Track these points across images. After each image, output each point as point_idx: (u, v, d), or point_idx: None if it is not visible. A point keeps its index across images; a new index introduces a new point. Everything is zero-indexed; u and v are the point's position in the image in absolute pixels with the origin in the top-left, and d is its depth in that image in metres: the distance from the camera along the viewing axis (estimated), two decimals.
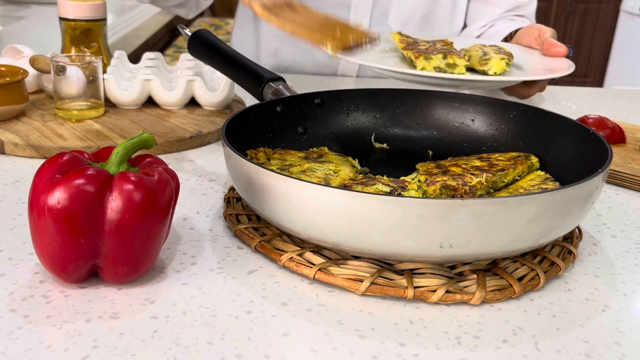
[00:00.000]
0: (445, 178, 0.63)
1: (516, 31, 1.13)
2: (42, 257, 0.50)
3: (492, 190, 0.65)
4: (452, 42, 1.02)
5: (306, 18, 0.65)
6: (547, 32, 1.03)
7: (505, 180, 0.66)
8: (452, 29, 1.23)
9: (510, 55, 0.96)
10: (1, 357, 0.43)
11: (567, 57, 0.99)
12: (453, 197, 0.61)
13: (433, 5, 1.18)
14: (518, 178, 0.67)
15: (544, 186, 0.63)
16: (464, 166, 0.66)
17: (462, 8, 1.22)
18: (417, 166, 0.68)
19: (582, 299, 0.54)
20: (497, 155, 0.70)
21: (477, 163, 0.68)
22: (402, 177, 0.65)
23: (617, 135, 0.88)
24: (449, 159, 0.71)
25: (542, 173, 0.67)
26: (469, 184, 0.62)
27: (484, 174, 0.64)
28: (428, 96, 0.79)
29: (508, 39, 1.15)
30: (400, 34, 1.05)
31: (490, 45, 1.02)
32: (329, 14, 0.67)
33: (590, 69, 3.65)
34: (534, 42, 1.05)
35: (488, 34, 1.20)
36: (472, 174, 0.64)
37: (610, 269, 0.59)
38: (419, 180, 0.63)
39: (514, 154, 0.71)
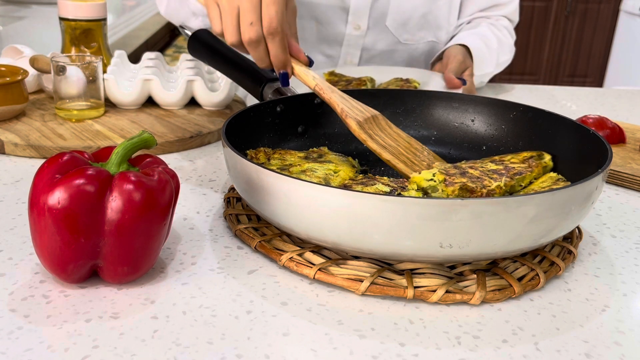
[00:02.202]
0: (464, 180, 0.61)
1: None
2: (42, 257, 0.50)
3: (508, 195, 0.64)
4: (370, 80, 1.05)
5: (393, 139, 0.69)
6: (452, 64, 1.08)
7: (522, 184, 0.65)
8: (449, 27, 1.23)
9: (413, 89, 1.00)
10: (1, 357, 0.43)
11: (464, 83, 1.04)
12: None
13: (431, 5, 1.18)
14: (534, 180, 0.66)
15: (555, 187, 0.62)
16: (480, 169, 0.65)
17: (457, 6, 1.22)
18: (434, 165, 0.66)
19: (582, 299, 0.54)
20: (509, 157, 0.69)
21: (493, 167, 0.66)
22: (414, 175, 0.64)
23: (617, 135, 0.88)
24: (463, 162, 0.69)
25: (555, 174, 0.66)
26: (487, 187, 0.61)
27: (503, 177, 0.63)
28: (428, 96, 0.79)
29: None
30: (332, 73, 1.08)
31: (404, 80, 1.05)
32: (408, 136, 0.71)
33: (590, 69, 3.65)
34: (443, 69, 1.09)
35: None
36: (491, 178, 0.63)
37: (610, 269, 0.59)
38: (436, 179, 0.62)
39: (526, 154, 0.69)
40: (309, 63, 0.73)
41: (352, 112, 0.68)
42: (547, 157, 0.68)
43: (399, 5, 1.16)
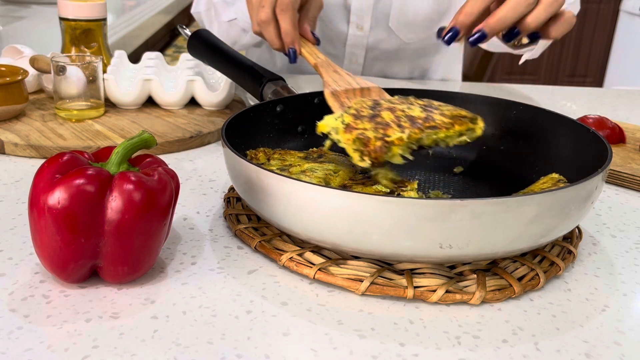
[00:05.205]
0: (367, 126, 0.56)
1: None
2: (42, 257, 0.50)
3: (416, 148, 0.58)
4: None
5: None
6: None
7: (435, 138, 0.59)
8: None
9: None
10: (1, 357, 0.43)
11: None
12: (362, 152, 0.57)
13: (437, 7, 1.16)
14: (449, 137, 0.60)
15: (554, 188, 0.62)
16: (400, 112, 0.60)
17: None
18: (353, 103, 0.60)
19: (582, 298, 0.54)
20: (445, 108, 0.63)
21: (418, 112, 0.61)
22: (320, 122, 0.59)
23: (617, 135, 0.88)
24: (396, 97, 0.64)
25: (556, 175, 0.66)
26: (387, 137, 0.56)
27: (408, 129, 0.56)
28: (427, 95, 0.79)
29: None
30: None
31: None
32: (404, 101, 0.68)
33: (590, 69, 3.65)
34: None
35: None
36: (400, 126, 0.57)
37: (610, 268, 0.59)
38: (342, 118, 0.57)
39: (462, 112, 0.63)
40: (316, 42, 0.79)
41: (335, 84, 0.69)
42: (480, 125, 0.63)
43: (402, 6, 1.15)
